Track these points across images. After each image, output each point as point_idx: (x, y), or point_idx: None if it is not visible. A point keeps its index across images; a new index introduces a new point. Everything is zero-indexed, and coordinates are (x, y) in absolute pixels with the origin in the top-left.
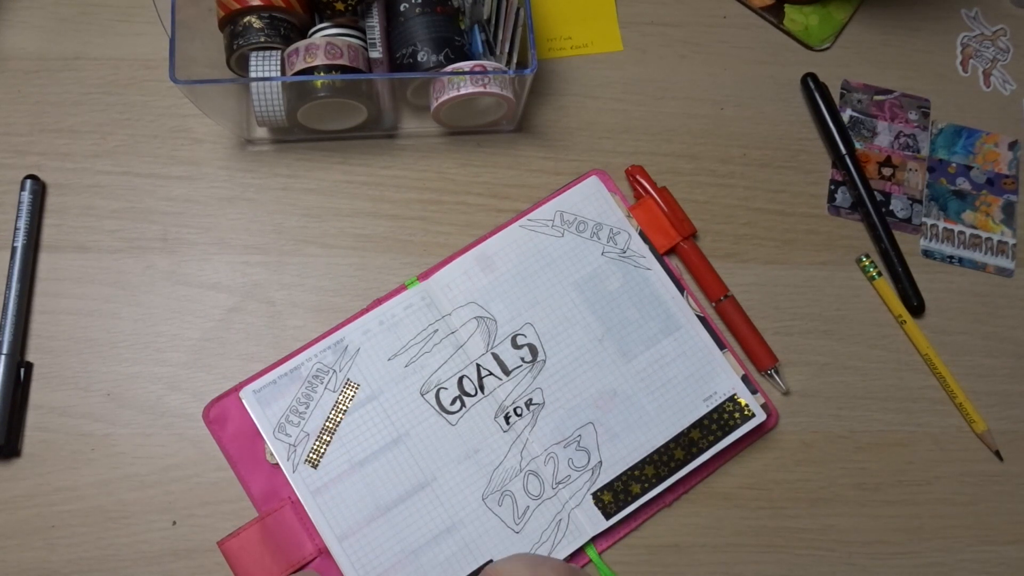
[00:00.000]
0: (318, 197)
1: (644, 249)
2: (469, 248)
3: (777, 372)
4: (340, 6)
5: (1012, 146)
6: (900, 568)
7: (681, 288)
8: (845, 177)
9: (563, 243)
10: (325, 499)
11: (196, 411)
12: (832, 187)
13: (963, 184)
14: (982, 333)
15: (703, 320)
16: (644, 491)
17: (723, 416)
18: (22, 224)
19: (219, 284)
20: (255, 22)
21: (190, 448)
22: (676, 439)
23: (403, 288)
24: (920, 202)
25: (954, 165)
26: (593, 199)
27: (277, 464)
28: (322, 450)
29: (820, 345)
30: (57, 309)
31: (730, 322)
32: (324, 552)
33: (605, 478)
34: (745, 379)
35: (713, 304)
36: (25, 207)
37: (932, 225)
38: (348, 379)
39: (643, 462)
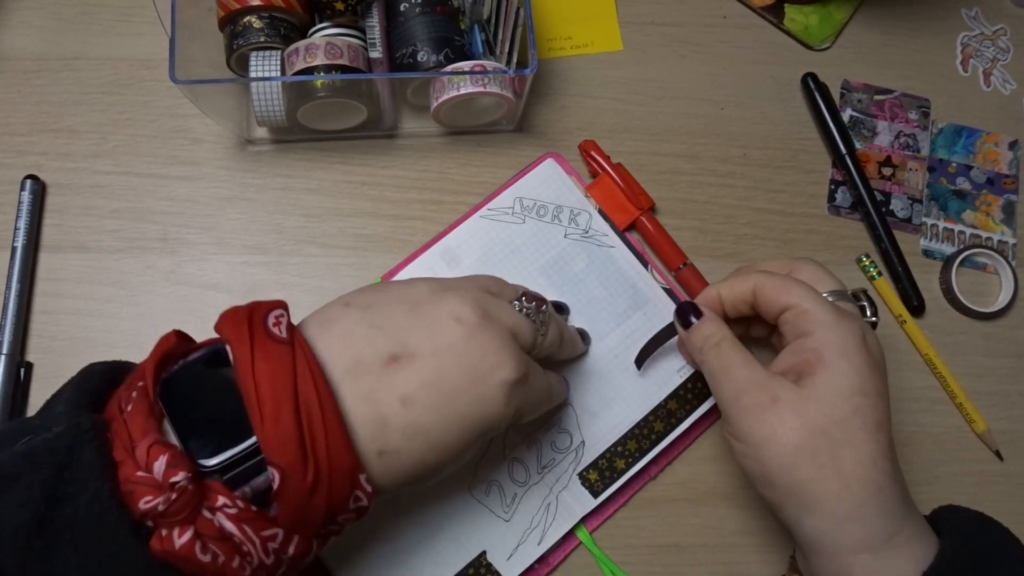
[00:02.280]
0: (318, 197)
1: (606, 227)
2: (430, 244)
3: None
4: (340, 6)
5: (1012, 146)
6: None
7: (645, 262)
8: (845, 177)
9: (525, 229)
10: None
11: None
12: (832, 187)
13: (963, 184)
14: (982, 333)
15: (669, 292)
16: (629, 466)
17: (697, 384)
18: (22, 224)
19: (219, 284)
20: (255, 22)
21: None
22: (655, 411)
23: None
24: (920, 202)
25: (954, 165)
26: (551, 182)
27: None
28: None
29: None
30: (57, 309)
31: (691, 290)
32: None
33: (589, 457)
34: None
35: (673, 273)
36: (25, 207)
37: (932, 225)
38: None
39: (625, 437)
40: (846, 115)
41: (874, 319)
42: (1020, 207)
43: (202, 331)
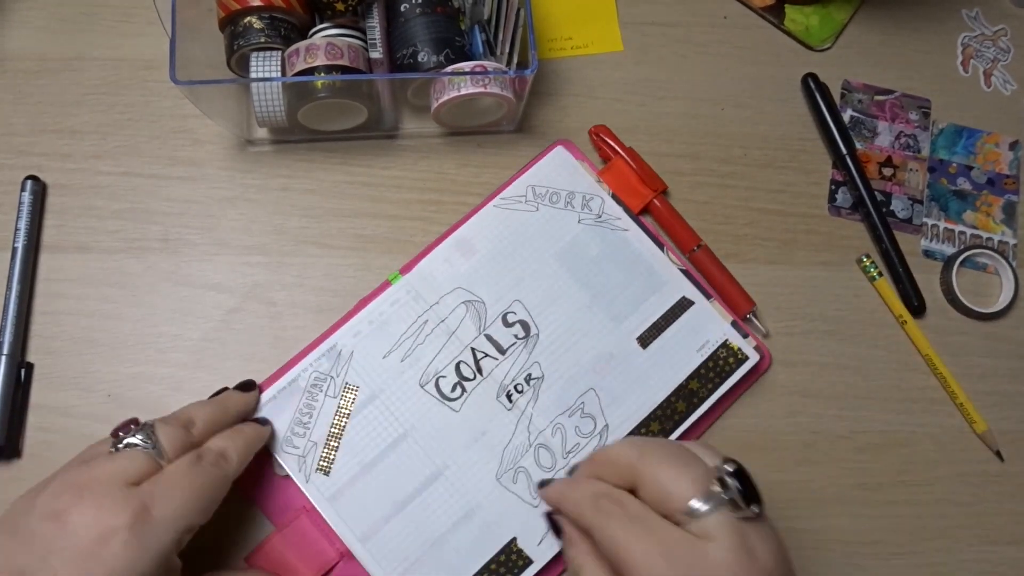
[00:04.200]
0: (318, 198)
1: (619, 211)
2: (446, 235)
3: (756, 315)
4: (340, 6)
5: (1013, 146)
6: (900, 568)
7: (660, 244)
8: (846, 177)
9: (539, 217)
10: (342, 504)
11: None
12: (833, 187)
13: (964, 184)
14: (982, 333)
15: (685, 273)
16: None
17: (718, 363)
18: (23, 225)
19: (220, 284)
20: (255, 23)
21: None
22: (676, 392)
23: (387, 284)
24: (921, 202)
25: (955, 165)
26: (562, 169)
27: (287, 476)
28: (331, 456)
29: (820, 345)
30: (58, 310)
31: (705, 271)
32: (347, 555)
33: (613, 440)
34: (735, 324)
35: (687, 255)
36: (26, 207)
37: (933, 225)
38: (347, 383)
39: (648, 419)
40: (846, 115)
41: (754, 510)
42: (1021, 207)
43: (201, 331)
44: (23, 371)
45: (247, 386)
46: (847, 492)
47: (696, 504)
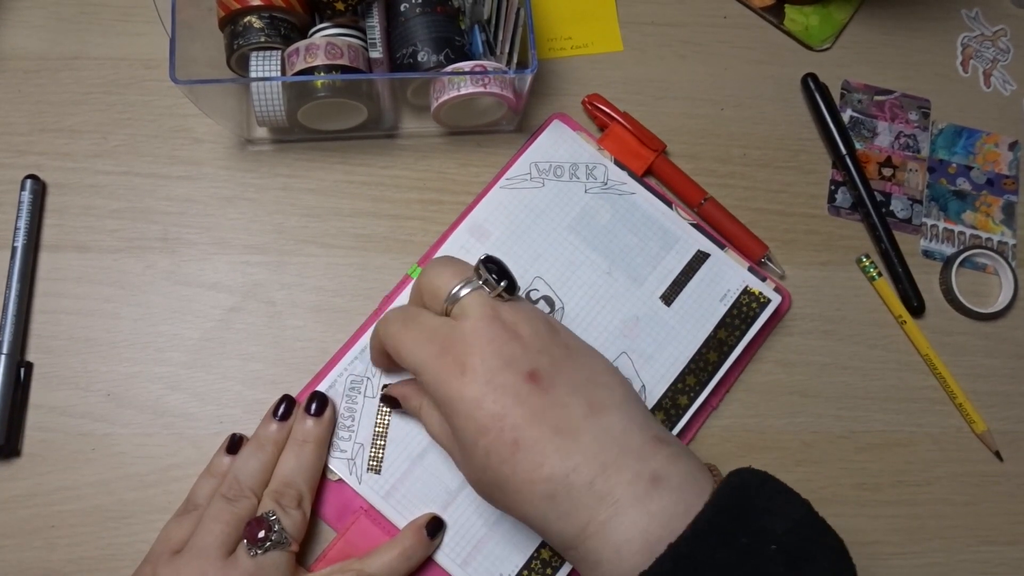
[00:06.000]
0: (318, 197)
1: (623, 176)
2: (457, 223)
3: (770, 258)
4: (340, 6)
5: (1012, 146)
6: (900, 568)
7: (668, 203)
8: (845, 177)
9: (546, 192)
10: (398, 499)
11: (196, 411)
12: (832, 187)
13: (963, 184)
14: (982, 333)
15: (697, 227)
16: (691, 401)
17: (742, 309)
18: (22, 224)
19: (219, 284)
20: (255, 22)
21: (190, 448)
22: (706, 343)
23: (408, 279)
24: (920, 202)
25: (954, 165)
26: (561, 142)
27: (339, 480)
28: (380, 455)
29: (820, 345)
30: (57, 309)
31: (715, 222)
32: None
33: (652, 399)
34: (751, 269)
35: (695, 209)
36: (25, 207)
37: (932, 225)
38: (384, 382)
39: (683, 374)
40: (846, 115)
41: (503, 285)
42: (1020, 208)
43: (200, 330)
44: (22, 370)
45: (320, 408)
46: (846, 492)
47: (455, 289)
